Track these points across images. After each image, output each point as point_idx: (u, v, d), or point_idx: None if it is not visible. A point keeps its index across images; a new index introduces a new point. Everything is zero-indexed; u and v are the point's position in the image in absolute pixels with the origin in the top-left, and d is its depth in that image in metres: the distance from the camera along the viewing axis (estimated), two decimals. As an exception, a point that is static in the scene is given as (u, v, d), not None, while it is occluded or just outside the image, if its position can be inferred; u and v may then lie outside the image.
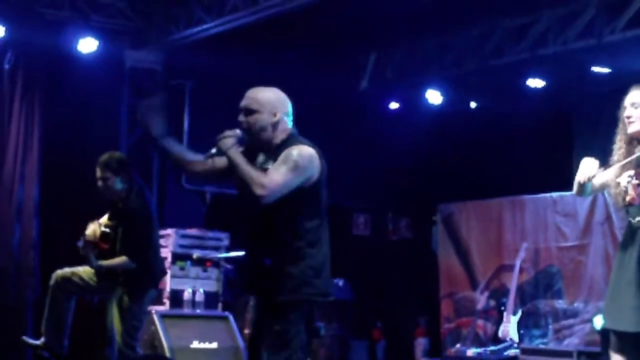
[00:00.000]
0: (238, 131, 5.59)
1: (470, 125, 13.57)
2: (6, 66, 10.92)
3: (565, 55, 11.34)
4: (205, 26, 10.93)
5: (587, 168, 5.68)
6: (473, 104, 13.77)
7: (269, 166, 5.59)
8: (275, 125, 5.68)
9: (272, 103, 5.69)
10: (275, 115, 5.68)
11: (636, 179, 5.45)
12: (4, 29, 10.50)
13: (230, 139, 5.49)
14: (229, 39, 11.04)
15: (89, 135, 10.76)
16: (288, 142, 5.67)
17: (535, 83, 12.43)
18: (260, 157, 5.76)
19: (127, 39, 11.57)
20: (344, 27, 11.21)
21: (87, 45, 10.98)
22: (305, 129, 12.52)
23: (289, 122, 5.79)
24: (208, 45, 11.24)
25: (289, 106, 5.82)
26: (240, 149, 5.58)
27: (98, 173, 8.05)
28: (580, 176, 5.71)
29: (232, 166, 5.54)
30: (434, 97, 13.29)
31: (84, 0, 11.05)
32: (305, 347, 5.67)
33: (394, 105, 13.68)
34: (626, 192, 5.44)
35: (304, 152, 5.59)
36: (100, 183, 8.04)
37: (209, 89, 11.84)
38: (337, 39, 11.67)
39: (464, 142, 13.58)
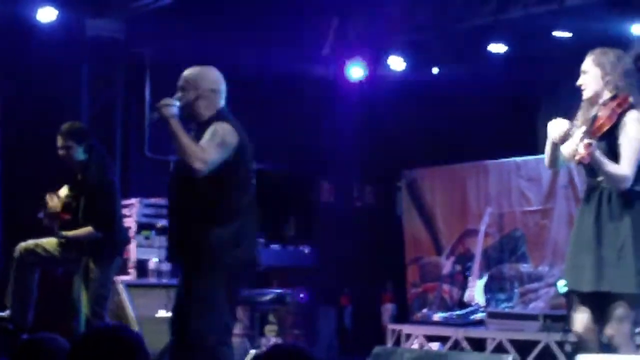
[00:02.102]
0: (173, 101, 5.85)
1: (433, 91, 13.55)
2: (-38, 35, 10.85)
3: (527, 20, 11.34)
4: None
5: (557, 127, 5.70)
6: (435, 70, 13.76)
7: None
8: (203, 102, 5.99)
9: (203, 81, 6.01)
10: (210, 91, 6.00)
11: (587, 137, 5.46)
12: (-40, -2, 10.43)
13: (171, 107, 5.71)
14: (189, 6, 10.99)
15: (50, 106, 10.67)
16: (214, 119, 5.97)
17: (498, 48, 12.43)
18: (191, 133, 5.99)
19: (87, 8, 11.48)
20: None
21: (47, 14, 10.87)
22: (267, 98, 12.56)
23: (219, 100, 6.08)
24: (169, 13, 11.18)
25: (221, 85, 6.10)
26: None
27: (60, 142, 8.03)
28: (553, 136, 5.72)
29: (171, 134, 5.76)
30: (396, 63, 13.26)
31: (43, -32, 11.00)
32: (230, 312, 6.03)
33: (356, 72, 13.62)
34: (577, 150, 5.47)
35: (226, 126, 5.90)
36: (62, 152, 8.02)
37: (170, 59, 11.76)
38: (299, 5, 11.62)
39: (427, 108, 13.56)
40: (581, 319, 5.84)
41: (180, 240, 6.00)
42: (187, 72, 6.06)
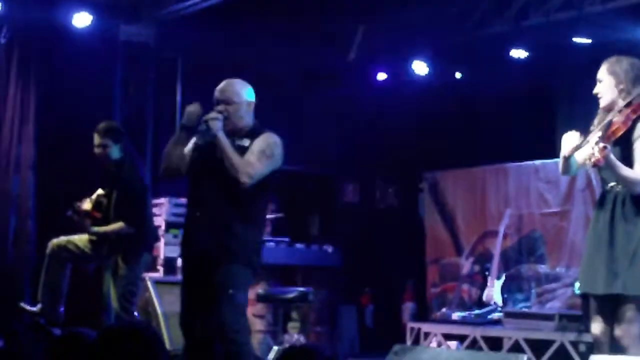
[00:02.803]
0: (219, 116, 5.98)
1: (455, 95, 13.56)
2: (2, 40, 10.93)
3: (547, 27, 11.34)
4: (194, 0, 10.92)
5: (569, 140, 5.74)
6: (458, 75, 13.77)
7: (243, 144, 6.03)
8: (243, 114, 6.13)
9: (242, 94, 6.16)
10: (249, 105, 6.14)
11: (602, 141, 5.49)
12: (0, 4, 10.49)
13: (218, 121, 5.82)
14: (218, 12, 11.03)
15: (84, 108, 10.73)
16: (257, 128, 6.17)
17: (519, 54, 12.44)
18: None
19: (120, 13, 11.54)
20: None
21: (82, 19, 10.93)
22: (293, 101, 12.60)
23: (253, 112, 6.24)
24: (198, 19, 11.23)
25: (254, 97, 6.26)
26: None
27: (97, 140, 8.09)
28: (564, 150, 5.76)
29: (219, 147, 5.89)
30: (420, 68, 13.28)
31: (79, -25, 11.07)
32: None
33: (381, 76, 13.66)
34: (593, 154, 5.49)
35: (278, 141, 6.11)
36: (98, 150, 8.09)
37: (200, 61, 11.86)
38: (326, 12, 11.65)
39: (450, 111, 13.57)
40: (598, 321, 5.85)
41: (219, 234, 6.01)
42: (227, 86, 6.15)
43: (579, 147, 5.70)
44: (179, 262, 10.40)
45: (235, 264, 5.95)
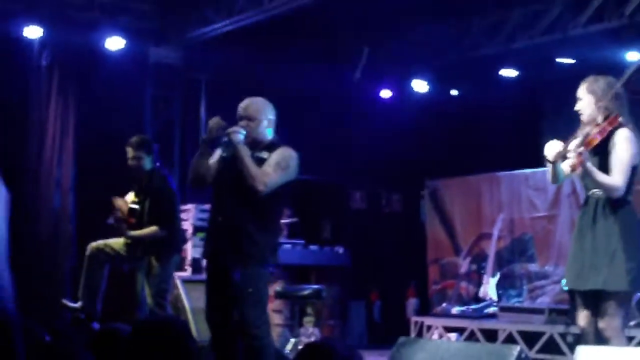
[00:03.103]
0: (242, 130, 6.00)
1: (452, 110, 13.61)
2: (44, 63, 10.97)
3: (535, 48, 11.38)
4: (216, 26, 10.99)
5: (551, 148, 5.78)
6: (454, 92, 13.82)
7: (262, 156, 6.04)
8: (264, 130, 6.15)
9: (265, 111, 6.17)
10: (269, 121, 6.16)
11: (579, 147, 5.54)
12: (41, 30, 10.54)
13: (239, 135, 5.84)
14: (239, 36, 11.08)
15: (117, 124, 10.77)
16: (276, 142, 6.17)
17: (509, 73, 12.51)
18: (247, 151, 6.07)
19: (150, 37, 11.60)
20: (340, 24, 11.24)
21: (115, 43, 11.00)
22: (307, 116, 12.64)
23: (273, 127, 6.24)
24: (221, 43, 11.29)
25: (274, 114, 6.25)
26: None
27: (130, 153, 8.12)
28: (549, 155, 5.80)
29: (238, 158, 5.92)
30: (420, 86, 13.35)
31: (112, 3, 11.09)
32: None
33: (385, 94, 13.71)
34: (571, 159, 5.56)
35: (294, 155, 6.12)
36: (132, 162, 8.11)
37: (223, 81, 11.89)
38: (334, 36, 11.69)
39: (448, 125, 13.62)
40: (583, 314, 5.87)
41: (237, 239, 6.02)
42: (250, 104, 6.17)
43: (562, 153, 5.74)
44: (204, 262, 10.49)
45: (252, 265, 5.96)
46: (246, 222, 5.98)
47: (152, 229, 8.01)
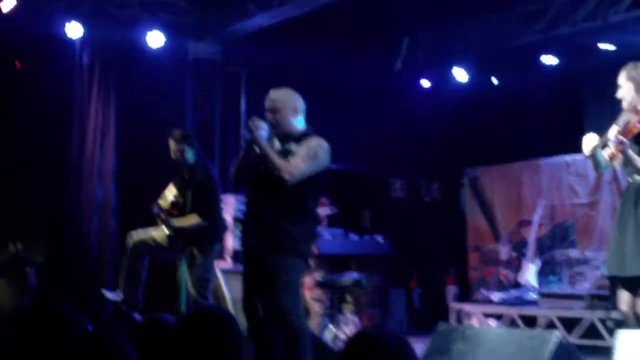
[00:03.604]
0: (260, 121, 6.00)
1: (492, 98, 13.58)
2: (85, 60, 11.10)
3: (575, 35, 11.33)
4: (256, 19, 11.02)
5: (588, 142, 5.80)
6: (495, 80, 13.79)
7: (290, 148, 6.05)
8: (294, 119, 6.12)
9: (292, 101, 6.14)
10: (295, 110, 6.12)
11: (619, 135, 5.55)
12: (82, 27, 10.67)
13: (261, 128, 5.88)
14: (278, 30, 11.11)
15: (158, 119, 10.89)
16: (306, 133, 6.15)
17: (550, 60, 12.43)
18: (277, 144, 6.16)
19: (189, 32, 11.68)
20: (380, 15, 11.28)
21: (155, 39, 11.10)
22: (347, 107, 12.68)
23: (303, 118, 6.21)
24: (261, 37, 11.33)
25: (303, 104, 6.21)
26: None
27: (173, 146, 8.23)
28: (585, 150, 5.82)
29: (261, 151, 5.95)
30: (460, 75, 13.32)
31: (151, -1, 11.24)
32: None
33: (425, 83, 13.73)
34: (609, 147, 5.57)
35: (324, 144, 6.09)
36: (176, 154, 8.23)
37: (263, 74, 11.93)
38: (374, 27, 11.73)
39: (488, 114, 13.59)
40: (625, 299, 5.89)
41: (269, 231, 6.06)
42: (273, 95, 6.16)
43: (600, 146, 5.75)
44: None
45: (286, 256, 6.00)
46: (278, 212, 6.03)
47: (195, 219, 8.09)
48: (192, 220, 8.14)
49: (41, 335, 3.64)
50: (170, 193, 8.39)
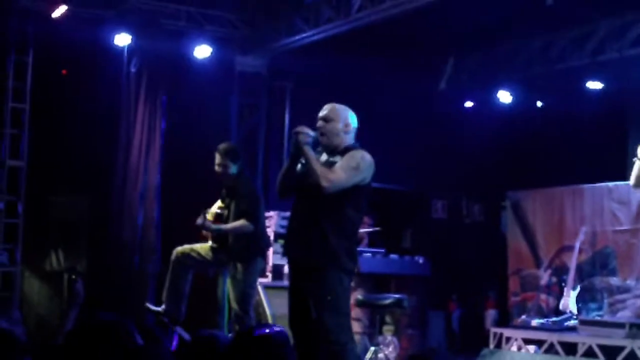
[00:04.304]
0: (311, 132, 6.03)
1: (536, 122, 13.53)
2: (133, 70, 11.18)
3: (621, 61, 11.28)
4: (304, 35, 11.06)
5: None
6: (539, 103, 13.75)
7: (335, 160, 6.06)
8: (345, 134, 6.16)
9: (346, 116, 6.18)
10: (347, 126, 6.16)
11: None
12: (130, 37, 10.75)
13: (307, 135, 5.89)
14: (324, 46, 11.15)
15: (204, 130, 10.94)
16: (352, 147, 6.16)
17: (594, 85, 12.38)
18: (324, 156, 6.19)
19: (236, 46, 11.74)
20: (426, 36, 11.28)
21: (202, 51, 11.17)
22: (391, 125, 12.69)
23: (354, 135, 6.24)
24: (306, 52, 11.37)
25: (356, 122, 6.25)
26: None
27: (218, 159, 8.24)
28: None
29: (304, 157, 6.00)
30: (504, 97, 13.29)
31: (199, 12, 11.25)
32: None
33: (469, 104, 13.72)
34: None
35: (367, 157, 6.09)
36: (220, 168, 8.24)
37: (307, 89, 11.97)
38: (420, 47, 11.73)
39: (531, 136, 13.55)
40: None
41: (310, 242, 6.05)
42: (329, 106, 6.20)
43: None
44: (286, 269, 10.55)
45: (328, 271, 5.97)
46: (320, 228, 6.00)
47: (241, 221, 8.08)
48: (236, 223, 8.12)
49: (96, 346, 3.66)
50: (216, 206, 8.41)
